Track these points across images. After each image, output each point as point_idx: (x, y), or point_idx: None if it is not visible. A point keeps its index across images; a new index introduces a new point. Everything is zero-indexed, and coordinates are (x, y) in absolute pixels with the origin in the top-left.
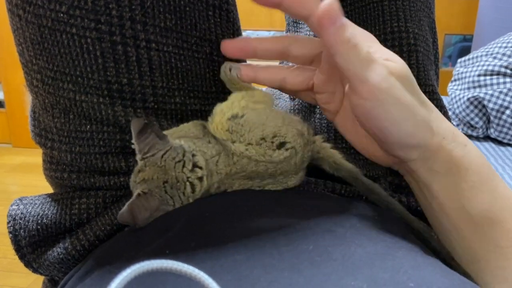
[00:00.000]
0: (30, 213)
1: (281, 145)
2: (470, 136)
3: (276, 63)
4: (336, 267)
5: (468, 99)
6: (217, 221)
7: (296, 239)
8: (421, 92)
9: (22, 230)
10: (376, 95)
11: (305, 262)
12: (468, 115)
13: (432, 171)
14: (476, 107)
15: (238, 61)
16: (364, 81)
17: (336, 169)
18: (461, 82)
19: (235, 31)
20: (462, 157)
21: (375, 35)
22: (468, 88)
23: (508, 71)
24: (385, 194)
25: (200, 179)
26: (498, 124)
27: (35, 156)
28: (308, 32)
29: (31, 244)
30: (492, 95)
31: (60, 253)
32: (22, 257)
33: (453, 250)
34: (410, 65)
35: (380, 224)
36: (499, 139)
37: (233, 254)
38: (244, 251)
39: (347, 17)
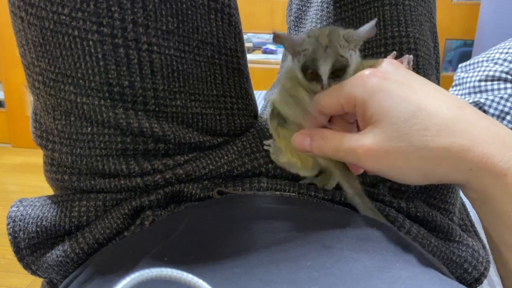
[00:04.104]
0: (30, 215)
1: None
2: None
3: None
4: (334, 281)
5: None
6: (216, 233)
7: (294, 255)
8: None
9: (21, 232)
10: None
11: (304, 277)
12: None
13: (468, 196)
14: None
15: None
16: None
17: None
18: (461, 87)
19: (236, 35)
20: (492, 187)
21: (376, 39)
22: (469, 93)
23: (509, 76)
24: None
25: None
26: None
27: (35, 156)
28: None
29: (30, 246)
30: (492, 101)
31: (59, 256)
32: (21, 259)
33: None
34: None
35: (377, 237)
36: None
37: (232, 267)
38: (243, 265)
39: (349, 21)
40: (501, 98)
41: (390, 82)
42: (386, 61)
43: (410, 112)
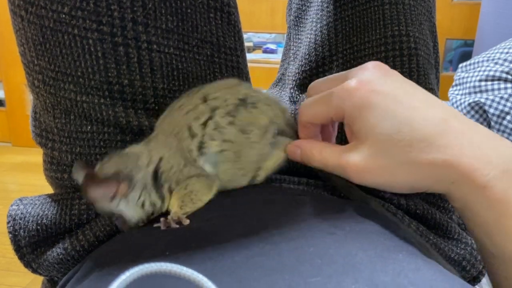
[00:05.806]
0: (30, 213)
1: None
2: None
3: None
4: (337, 269)
5: (469, 104)
6: (216, 223)
7: (296, 241)
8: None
9: (22, 230)
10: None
11: (306, 264)
12: None
13: (452, 203)
14: (477, 112)
15: None
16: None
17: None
18: (462, 87)
19: (236, 33)
20: (472, 198)
21: (376, 39)
22: (469, 93)
23: (509, 76)
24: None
25: None
26: (498, 130)
27: (35, 155)
28: (308, 35)
29: (30, 244)
30: (493, 101)
31: (59, 254)
32: (21, 257)
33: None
34: (410, 69)
35: (379, 227)
36: None
37: (233, 256)
38: (244, 253)
39: (349, 21)
40: (501, 98)
41: (377, 94)
42: (372, 65)
43: (394, 127)
